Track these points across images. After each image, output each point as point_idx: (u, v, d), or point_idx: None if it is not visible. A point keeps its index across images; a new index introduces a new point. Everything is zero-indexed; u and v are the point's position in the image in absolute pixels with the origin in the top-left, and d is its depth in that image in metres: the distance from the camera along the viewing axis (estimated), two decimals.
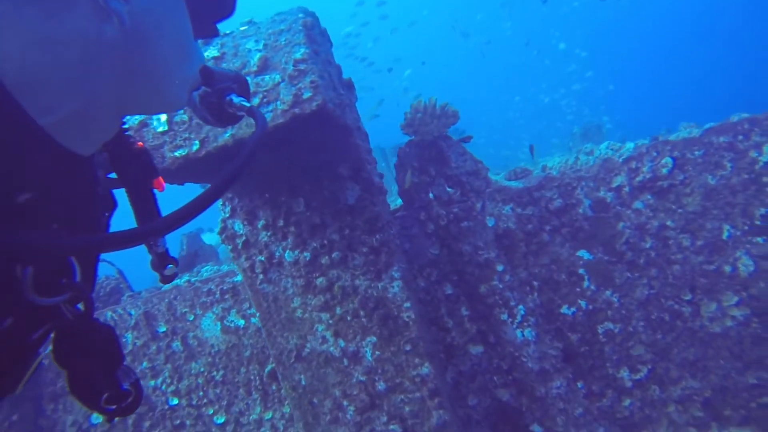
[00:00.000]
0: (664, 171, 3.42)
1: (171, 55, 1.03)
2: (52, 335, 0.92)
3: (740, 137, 3.35)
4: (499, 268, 3.35)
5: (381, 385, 3.04)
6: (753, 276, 3.36)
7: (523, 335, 3.41)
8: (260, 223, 3.04)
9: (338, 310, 3.03)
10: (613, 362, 3.57)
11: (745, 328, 3.38)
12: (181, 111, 2.21)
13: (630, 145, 4.17)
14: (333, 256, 2.97)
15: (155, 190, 1.39)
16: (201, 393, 4.18)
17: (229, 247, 3.12)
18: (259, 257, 3.07)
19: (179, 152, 2.12)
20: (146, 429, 4.30)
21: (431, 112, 3.29)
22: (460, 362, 3.58)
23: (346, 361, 3.05)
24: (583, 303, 3.53)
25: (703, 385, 3.46)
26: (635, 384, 3.56)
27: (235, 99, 1.36)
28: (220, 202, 3.02)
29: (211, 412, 4.18)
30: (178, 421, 4.25)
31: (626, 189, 3.46)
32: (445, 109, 3.33)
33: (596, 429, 3.59)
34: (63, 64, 0.78)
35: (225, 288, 3.96)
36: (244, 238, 3.08)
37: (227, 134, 2.12)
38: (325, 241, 2.97)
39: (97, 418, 4.32)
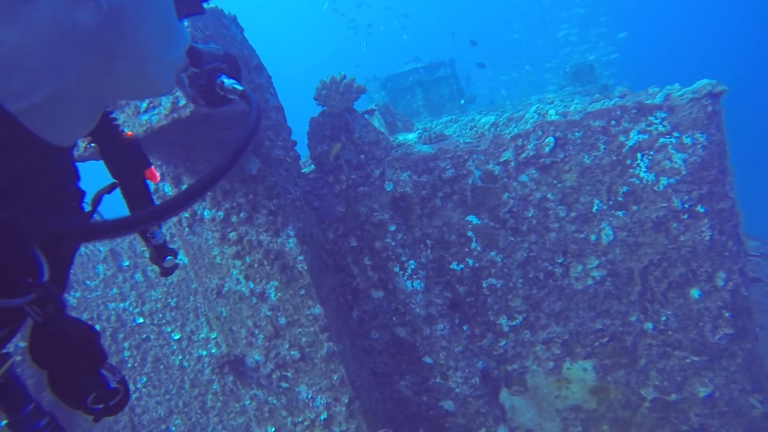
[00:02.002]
0: (547, 149, 3.99)
1: (155, 37, 1.02)
2: (29, 334, 0.89)
3: (613, 122, 3.86)
4: (392, 228, 4.10)
5: (282, 320, 3.95)
6: (611, 244, 4.03)
7: (412, 285, 4.23)
8: (183, 186, 3.82)
9: (248, 259, 3.88)
10: (494, 311, 4.39)
11: (600, 285, 4.11)
12: None
13: (552, 111, 4.68)
14: (241, 215, 3.76)
15: (148, 181, 1.40)
16: (161, 315, 5.23)
17: None
18: (185, 214, 3.89)
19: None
20: (121, 340, 5.43)
21: (335, 89, 3.88)
22: (364, 303, 4.46)
23: (255, 300, 3.95)
24: (470, 261, 4.29)
25: (563, 330, 4.28)
26: (511, 329, 4.39)
27: (227, 81, 1.33)
28: None
29: (169, 330, 5.25)
30: (144, 336, 5.36)
31: (512, 164, 4.07)
32: (349, 86, 3.91)
33: (475, 363, 4.50)
34: (33, 47, 0.79)
35: (173, 232, 4.84)
36: None
37: None
38: (235, 204, 3.74)
39: None
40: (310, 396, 4.12)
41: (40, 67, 0.82)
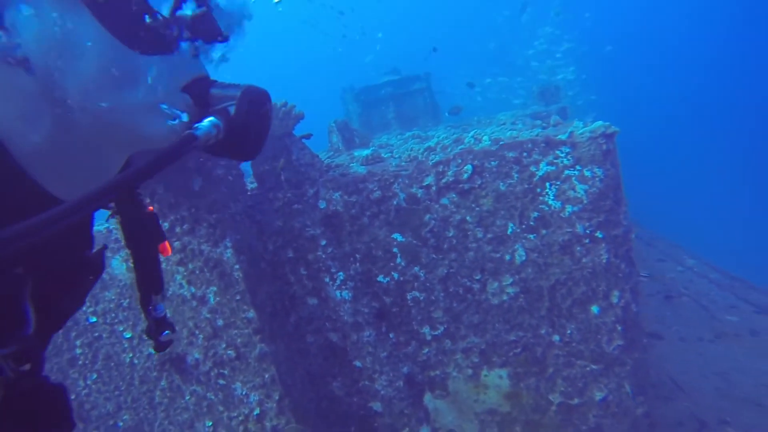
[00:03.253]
0: (465, 176, 4.61)
1: (91, 84, 0.98)
2: None
3: (525, 154, 4.50)
4: (322, 242, 4.70)
5: (220, 322, 4.53)
6: (524, 263, 4.66)
7: (341, 295, 4.83)
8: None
9: (190, 266, 4.45)
10: (418, 321, 4.99)
11: (514, 301, 4.74)
12: None
13: (486, 138, 5.30)
14: (184, 227, 4.33)
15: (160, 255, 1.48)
16: (113, 315, 5.76)
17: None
18: None
19: None
20: (73, 337, 5.96)
21: (276, 115, 4.48)
22: (300, 309, 5.04)
23: (195, 303, 4.52)
24: (395, 275, 4.89)
25: (481, 340, 4.89)
26: (433, 338, 5.00)
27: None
28: None
29: (121, 329, 5.79)
30: (96, 334, 5.88)
31: (434, 188, 4.68)
32: (288, 113, 4.51)
33: (400, 368, 5.10)
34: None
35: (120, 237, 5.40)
36: None
37: None
38: (179, 216, 4.32)
39: None
40: (244, 392, 4.69)
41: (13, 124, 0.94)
